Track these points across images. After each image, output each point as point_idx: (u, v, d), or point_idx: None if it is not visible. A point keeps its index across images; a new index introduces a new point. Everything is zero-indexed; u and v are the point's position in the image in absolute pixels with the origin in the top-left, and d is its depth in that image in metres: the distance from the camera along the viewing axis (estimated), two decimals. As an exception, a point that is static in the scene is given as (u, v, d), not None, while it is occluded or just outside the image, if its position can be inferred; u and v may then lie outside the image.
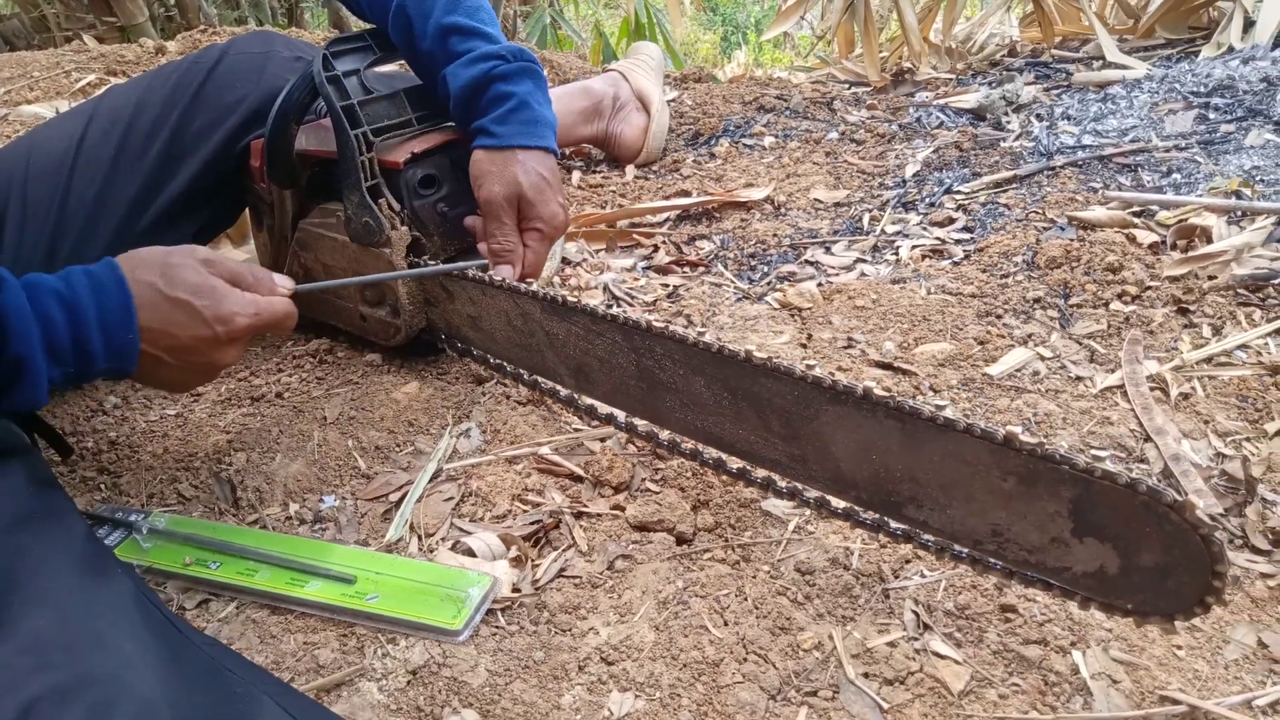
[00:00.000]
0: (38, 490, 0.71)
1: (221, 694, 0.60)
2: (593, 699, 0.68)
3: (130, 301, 0.72)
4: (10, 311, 0.66)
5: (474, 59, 0.96)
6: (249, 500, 0.89)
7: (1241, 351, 1.05)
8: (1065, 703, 0.67)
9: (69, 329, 0.69)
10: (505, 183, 0.96)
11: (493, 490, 0.88)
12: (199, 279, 0.75)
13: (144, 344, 0.73)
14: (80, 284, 0.71)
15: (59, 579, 0.61)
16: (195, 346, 0.76)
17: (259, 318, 0.79)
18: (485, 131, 0.97)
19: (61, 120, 1.08)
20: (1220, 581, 0.58)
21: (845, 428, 0.71)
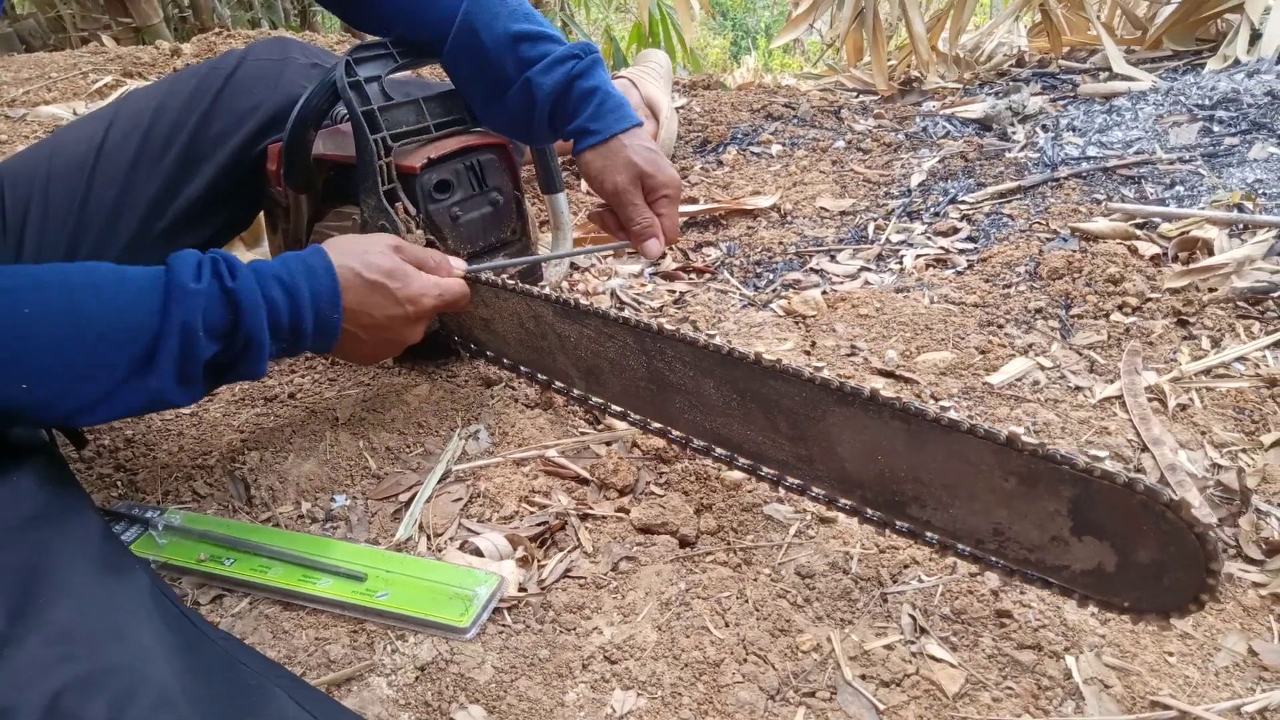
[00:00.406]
0: (56, 487, 0.73)
1: (236, 686, 0.62)
2: (596, 696, 0.70)
3: (338, 285, 0.80)
4: (243, 294, 0.73)
5: (552, 63, 0.99)
6: (262, 498, 0.91)
7: (1240, 364, 1.06)
8: (1058, 706, 0.69)
9: (289, 310, 0.77)
10: (625, 169, 0.99)
11: (500, 491, 0.90)
12: (392, 264, 0.84)
13: (345, 323, 0.81)
14: (298, 270, 0.78)
15: (80, 573, 0.63)
16: (388, 324, 0.84)
17: (441, 298, 0.88)
18: (586, 131, 1.00)
19: (83, 123, 1.11)
20: (1214, 579, 0.60)
21: (851, 429, 0.73)
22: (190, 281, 0.71)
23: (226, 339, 0.74)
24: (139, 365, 0.69)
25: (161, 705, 0.56)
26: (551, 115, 1.01)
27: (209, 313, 0.72)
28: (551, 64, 0.99)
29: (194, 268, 0.72)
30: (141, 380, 0.69)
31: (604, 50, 3.94)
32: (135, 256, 1.04)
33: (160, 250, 1.06)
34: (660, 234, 1.01)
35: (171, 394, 0.71)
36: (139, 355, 0.68)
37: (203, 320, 0.71)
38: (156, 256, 1.06)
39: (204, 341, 0.71)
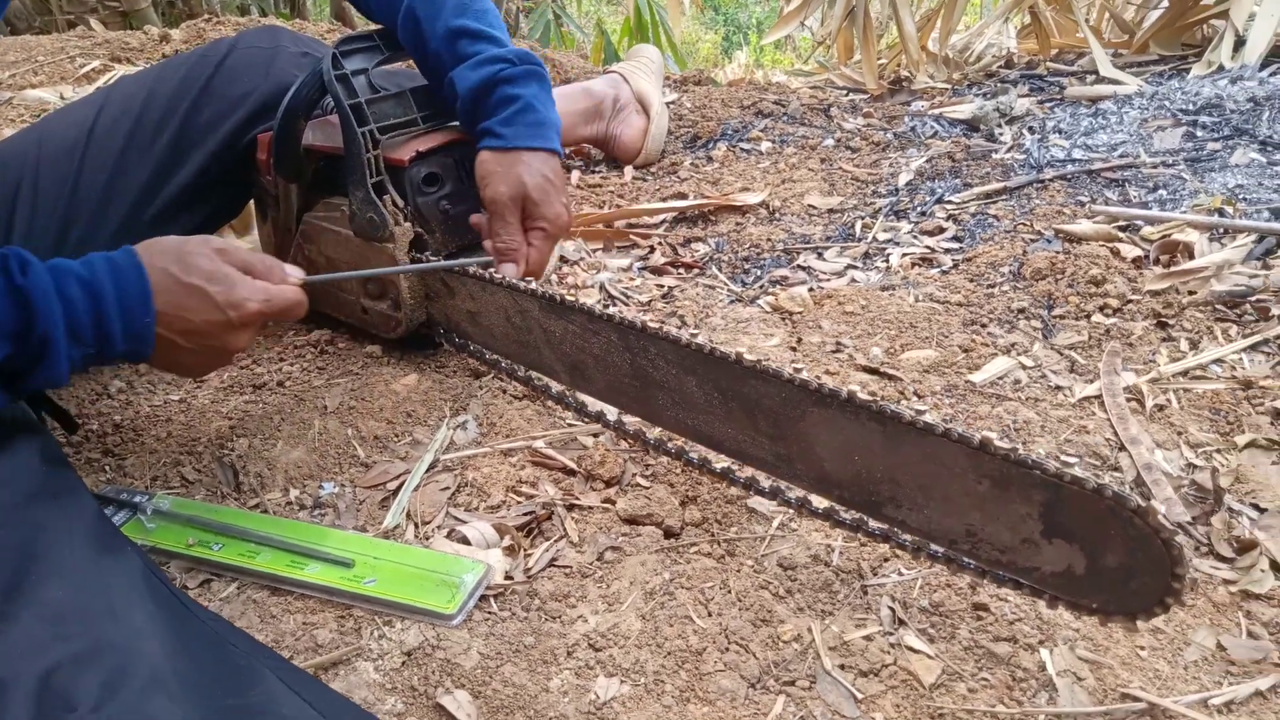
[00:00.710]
0: (51, 468, 0.73)
1: (226, 666, 0.63)
2: (580, 683, 0.71)
3: (147, 285, 0.75)
4: (35, 290, 0.68)
5: (481, 61, 0.99)
6: (250, 485, 0.92)
7: (1217, 366, 1.08)
8: (1031, 698, 0.71)
9: (90, 310, 0.72)
10: (510, 183, 0.98)
11: (488, 481, 0.91)
12: (213, 266, 0.78)
13: (160, 327, 0.76)
14: (101, 268, 0.73)
15: (74, 552, 0.64)
16: (208, 330, 0.78)
17: (269, 304, 0.81)
18: (491, 133, 0.99)
19: (73, 108, 1.11)
20: (1179, 583, 0.61)
21: (830, 429, 0.74)
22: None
23: (18, 340, 0.69)
24: None
25: (153, 684, 0.56)
26: (470, 113, 1.00)
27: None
28: (480, 63, 0.99)
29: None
30: None
31: (595, 43, 3.94)
32: (128, 239, 1.04)
33: (153, 234, 1.07)
34: (522, 261, 0.99)
35: None
36: None
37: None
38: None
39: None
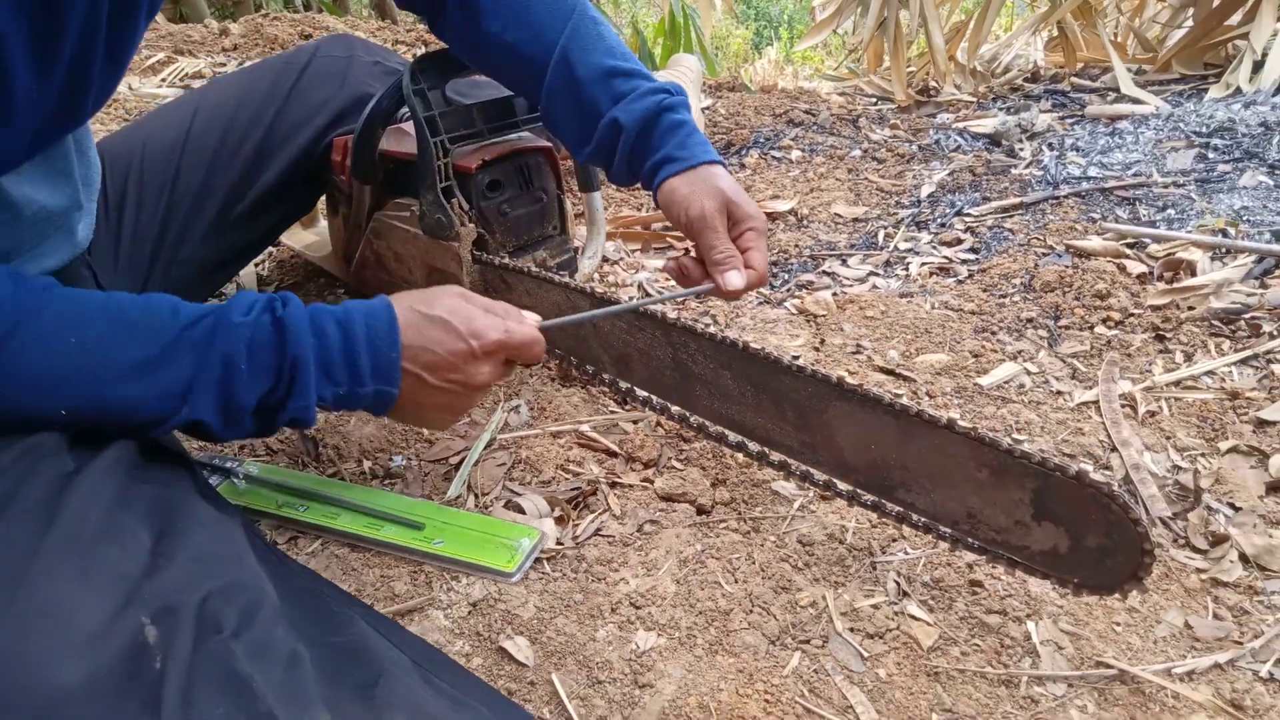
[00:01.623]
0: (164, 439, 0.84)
1: (322, 611, 0.73)
2: (622, 635, 0.82)
3: (395, 319, 0.77)
4: (291, 321, 0.73)
5: (642, 94, 0.98)
6: (329, 456, 1.03)
7: (1208, 377, 1.17)
8: (1016, 662, 0.81)
9: (341, 344, 0.75)
10: (711, 195, 0.95)
11: (539, 459, 1.01)
12: (454, 303, 0.81)
13: (405, 361, 0.77)
14: (354, 309, 0.77)
15: (202, 506, 0.75)
16: (451, 363, 0.79)
17: (510, 335, 0.81)
18: (672, 159, 0.98)
19: (172, 109, 1.22)
20: (1149, 559, 0.71)
21: (849, 421, 0.84)
22: (238, 315, 0.72)
23: (273, 373, 0.73)
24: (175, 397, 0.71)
25: (275, 618, 0.67)
26: (635, 144, 0.99)
27: (255, 345, 0.72)
28: (641, 95, 0.99)
29: (246, 306, 0.74)
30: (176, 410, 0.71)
31: (630, 42, 4.04)
32: (217, 237, 1.17)
33: (238, 232, 1.19)
34: (742, 266, 0.94)
35: (215, 427, 0.73)
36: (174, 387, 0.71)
37: (246, 353, 0.71)
38: (235, 237, 1.19)
39: (245, 375, 0.71)
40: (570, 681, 0.77)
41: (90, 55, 0.75)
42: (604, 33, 1.03)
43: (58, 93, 0.72)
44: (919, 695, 0.77)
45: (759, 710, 0.75)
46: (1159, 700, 0.78)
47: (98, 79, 0.78)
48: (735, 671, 0.78)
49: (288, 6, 3.94)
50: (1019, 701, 0.77)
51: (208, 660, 0.59)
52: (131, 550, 0.65)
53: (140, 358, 0.70)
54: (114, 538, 0.65)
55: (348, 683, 0.63)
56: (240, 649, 0.60)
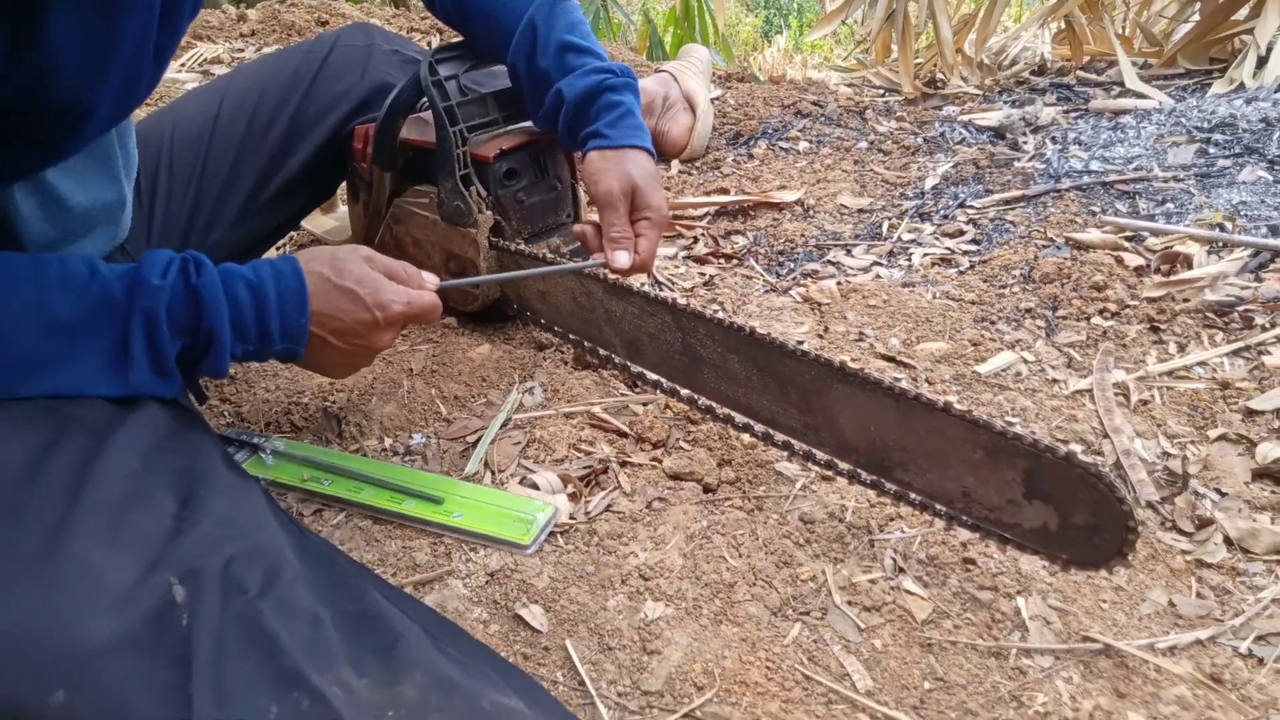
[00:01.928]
0: (182, 410, 0.88)
1: (337, 579, 0.76)
2: (632, 605, 0.86)
3: (305, 287, 0.83)
4: (205, 291, 0.78)
5: (587, 72, 1.10)
6: (351, 433, 1.08)
7: (1200, 368, 1.21)
8: (1006, 635, 0.85)
9: (253, 309, 0.81)
10: (620, 177, 1.07)
11: (553, 439, 1.06)
12: (362, 271, 0.87)
13: (313, 326, 0.84)
14: (265, 272, 0.83)
15: (224, 475, 0.79)
16: (357, 330, 0.86)
17: (411, 306, 0.89)
18: (599, 135, 1.09)
19: (198, 96, 1.25)
20: (1134, 535, 0.75)
21: (851, 403, 0.88)
22: (154, 278, 0.76)
23: (189, 334, 0.78)
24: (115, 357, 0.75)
25: (297, 581, 0.71)
26: (573, 117, 1.10)
27: (173, 307, 0.76)
28: (586, 73, 1.11)
29: (162, 266, 0.78)
30: (121, 372, 0.76)
31: (641, 31, 4.06)
32: (244, 222, 1.21)
33: (264, 217, 1.23)
34: (632, 249, 1.06)
35: (153, 384, 0.77)
36: (111, 347, 0.75)
37: (166, 313, 0.76)
38: (260, 223, 1.23)
39: (167, 335, 0.76)
40: (582, 648, 0.82)
41: (141, 57, 0.79)
42: (570, 9, 1.14)
43: (112, 96, 0.76)
44: (912, 665, 0.82)
45: (760, 676, 0.79)
46: (1141, 673, 0.82)
47: (146, 78, 0.82)
48: (738, 640, 0.82)
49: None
50: (1008, 672, 0.82)
51: (235, 618, 0.63)
52: (157, 516, 0.69)
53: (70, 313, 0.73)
54: (141, 504, 0.69)
55: (367, 643, 0.67)
56: (266, 608, 0.64)
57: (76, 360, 0.74)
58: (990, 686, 0.80)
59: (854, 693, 0.79)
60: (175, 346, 0.78)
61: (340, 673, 0.62)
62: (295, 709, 0.58)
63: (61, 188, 0.86)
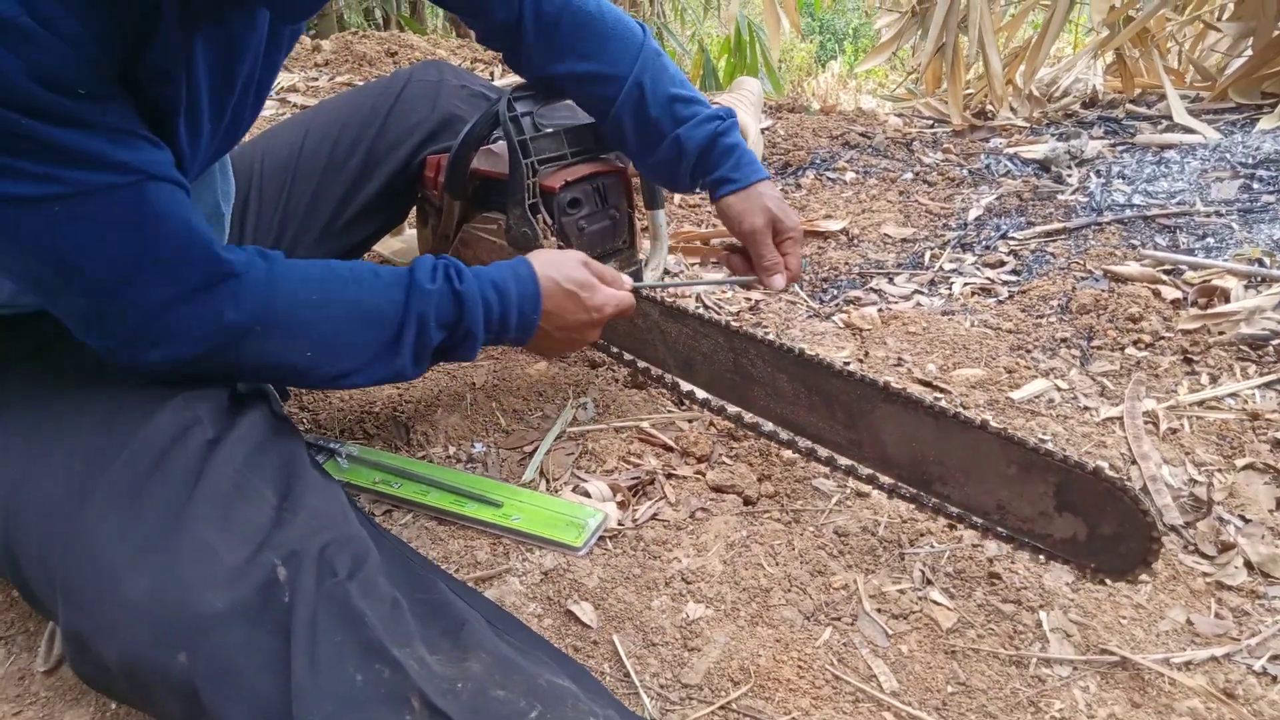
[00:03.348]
0: (278, 418, 0.98)
1: (410, 572, 0.84)
2: (675, 605, 0.93)
3: (539, 291, 0.98)
4: (466, 296, 0.93)
5: (700, 121, 1.19)
6: (418, 440, 1.16)
7: (1231, 399, 1.25)
8: (1027, 646, 0.90)
9: (500, 309, 0.96)
10: (761, 212, 1.17)
11: (604, 451, 1.13)
12: (583, 276, 1.02)
13: (542, 322, 0.99)
14: (509, 276, 0.97)
15: (314, 475, 0.88)
16: (575, 327, 1.02)
17: (618, 307, 1.05)
18: (729, 180, 1.19)
19: (285, 129, 1.37)
20: (1157, 545, 0.80)
21: (893, 421, 0.95)
22: (426, 282, 0.91)
23: (451, 329, 0.94)
24: (388, 345, 0.90)
25: (376, 569, 0.79)
26: (696, 165, 1.20)
27: (440, 308, 0.92)
28: (700, 122, 1.19)
29: (429, 271, 0.93)
30: (390, 357, 0.91)
31: (695, 59, 4.16)
32: (323, 243, 1.31)
33: (342, 239, 1.33)
34: (784, 271, 1.18)
35: (408, 370, 0.93)
36: (388, 338, 0.90)
37: (435, 313, 0.91)
38: (338, 244, 1.33)
39: (434, 330, 0.92)
40: (628, 643, 0.89)
41: (247, 94, 0.90)
42: (667, 64, 1.23)
43: (222, 132, 0.87)
44: (936, 669, 0.87)
45: (792, 674, 0.86)
46: (1156, 685, 0.86)
47: (249, 113, 0.93)
48: (773, 641, 0.89)
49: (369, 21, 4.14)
50: (1027, 680, 0.87)
51: (328, 597, 0.72)
52: (261, 506, 0.79)
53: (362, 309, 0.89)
54: (247, 496, 0.79)
55: (438, 626, 0.75)
56: (354, 589, 0.73)
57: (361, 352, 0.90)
58: (1010, 692, 0.85)
59: (880, 693, 0.85)
60: (437, 339, 0.93)
61: (416, 648, 0.70)
62: (377, 677, 0.67)
63: None
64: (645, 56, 1.20)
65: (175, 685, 0.67)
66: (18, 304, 0.90)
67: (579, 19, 1.18)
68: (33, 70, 0.65)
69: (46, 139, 0.68)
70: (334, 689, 0.66)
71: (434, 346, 0.93)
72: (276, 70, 0.96)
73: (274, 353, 0.86)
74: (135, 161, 0.74)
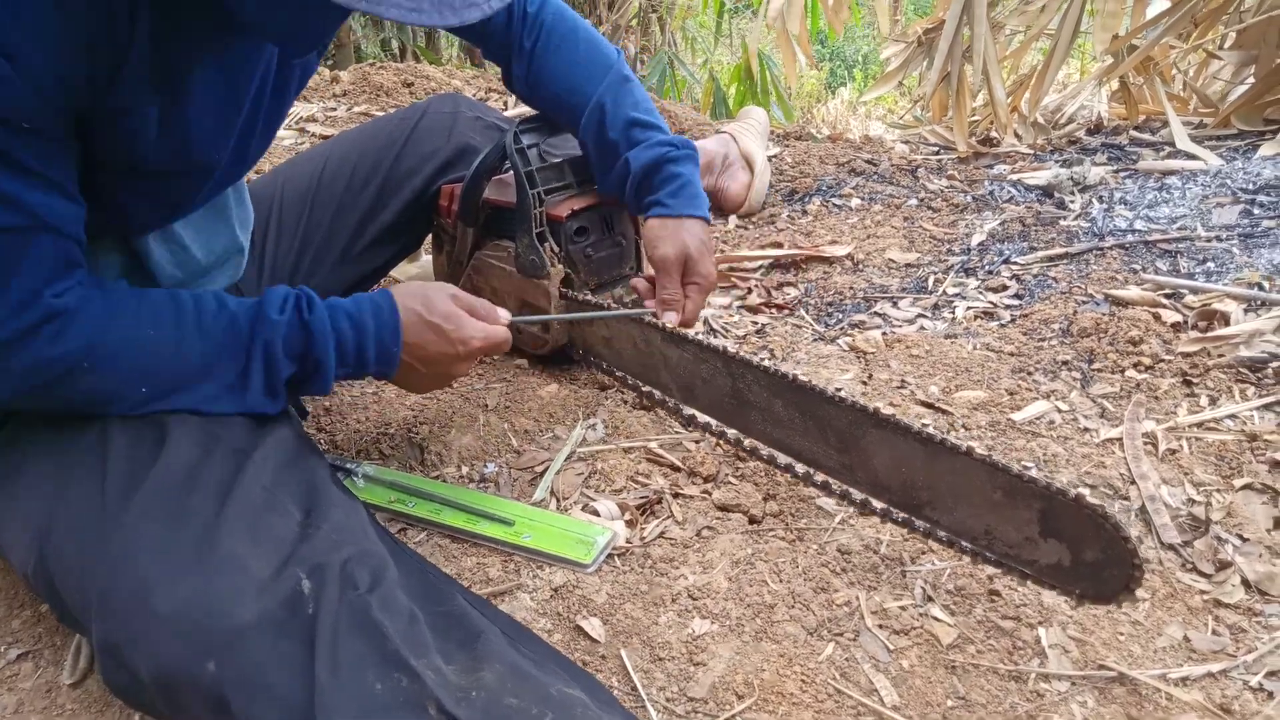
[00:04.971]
0: (301, 438, 1.01)
1: (428, 585, 0.87)
2: (681, 621, 0.95)
3: (399, 322, 0.97)
4: (315, 325, 0.93)
5: (652, 145, 1.23)
6: (432, 460, 1.20)
7: (1230, 420, 1.27)
8: (1026, 661, 0.92)
9: (354, 341, 0.95)
10: (676, 245, 1.21)
11: (613, 471, 1.16)
12: (448, 308, 1.00)
13: (404, 354, 0.98)
14: (366, 308, 0.96)
15: (337, 492, 0.91)
16: (440, 359, 1.00)
17: (487, 340, 1.03)
18: (660, 204, 1.23)
19: (306, 158, 1.41)
20: (1139, 571, 0.82)
21: (884, 446, 0.97)
22: (274, 313, 0.90)
23: (300, 360, 0.92)
24: (236, 378, 0.90)
25: (395, 583, 0.82)
26: (639, 186, 1.23)
27: (288, 339, 0.91)
28: (651, 145, 1.24)
29: (279, 302, 0.92)
30: (240, 391, 0.90)
31: (706, 88, 4.22)
32: (341, 269, 1.35)
33: (358, 265, 1.37)
34: (680, 310, 1.20)
35: (260, 401, 0.91)
36: (235, 370, 0.90)
37: (282, 344, 0.90)
38: (355, 270, 1.37)
39: (283, 361, 0.91)
40: (636, 657, 0.91)
41: (253, 124, 0.94)
42: (633, 89, 1.28)
43: (229, 159, 0.92)
44: (936, 684, 0.89)
45: (796, 688, 0.88)
46: (1153, 700, 0.88)
47: (256, 144, 0.97)
48: (777, 656, 0.91)
49: (385, 52, 4.23)
50: (1026, 695, 0.89)
51: (349, 609, 0.75)
52: (287, 521, 0.82)
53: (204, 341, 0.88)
54: (274, 511, 0.82)
55: (454, 638, 0.78)
56: (374, 602, 0.76)
57: (205, 384, 0.89)
58: (1009, 706, 0.87)
59: (881, 706, 0.87)
60: (287, 371, 0.92)
61: (432, 659, 0.73)
62: (396, 686, 0.70)
63: (185, 237, 1.02)
64: (611, 80, 1.26)
65: (205, 693, 0.70)
66: None
67: (553, 42, 1.24)
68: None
69: None
70: (355, 696, 0.69)
71: (284, 378, 0.92)
72: (288, 100, 1.01)
73: (106, 388, 0.85)
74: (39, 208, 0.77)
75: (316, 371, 0.94)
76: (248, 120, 0.94)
